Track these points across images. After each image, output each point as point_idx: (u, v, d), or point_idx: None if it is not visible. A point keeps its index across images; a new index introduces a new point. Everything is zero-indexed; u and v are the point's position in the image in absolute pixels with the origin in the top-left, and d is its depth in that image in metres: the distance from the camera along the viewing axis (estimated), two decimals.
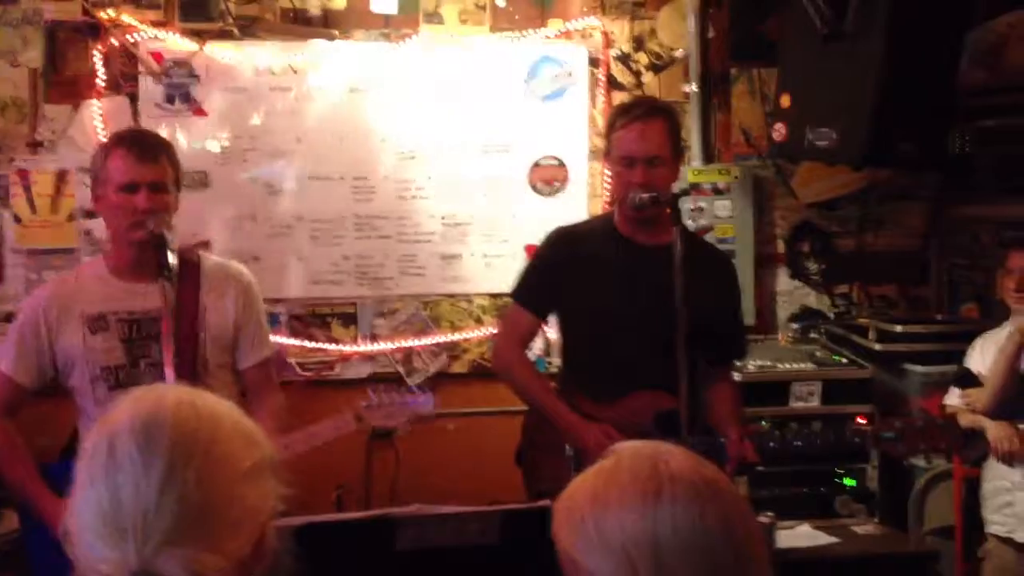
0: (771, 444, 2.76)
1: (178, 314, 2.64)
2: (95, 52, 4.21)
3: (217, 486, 1.13)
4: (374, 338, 4.45)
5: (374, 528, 1.84)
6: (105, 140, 2.89)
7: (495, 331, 4.48)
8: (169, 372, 2.52)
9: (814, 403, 3.86)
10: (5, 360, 2.74)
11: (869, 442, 2.72)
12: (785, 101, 3.71)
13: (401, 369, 4.47)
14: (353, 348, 4.43)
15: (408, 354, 4.48)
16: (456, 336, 4.50)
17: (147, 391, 1.20)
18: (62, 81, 4.26)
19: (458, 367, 4.53)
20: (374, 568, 1.84)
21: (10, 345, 2.77)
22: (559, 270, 3.05)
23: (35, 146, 4.27)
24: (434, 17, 4.45)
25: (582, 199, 4.55)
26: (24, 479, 2.69)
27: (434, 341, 4.49)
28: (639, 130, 2.89)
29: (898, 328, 4.11)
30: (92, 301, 2.71)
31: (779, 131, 3.72)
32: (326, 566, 1.30)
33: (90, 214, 4.27)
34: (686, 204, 4.35)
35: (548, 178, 4.54)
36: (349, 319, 4.45)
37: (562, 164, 4.54)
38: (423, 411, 2.71)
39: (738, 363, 3.51)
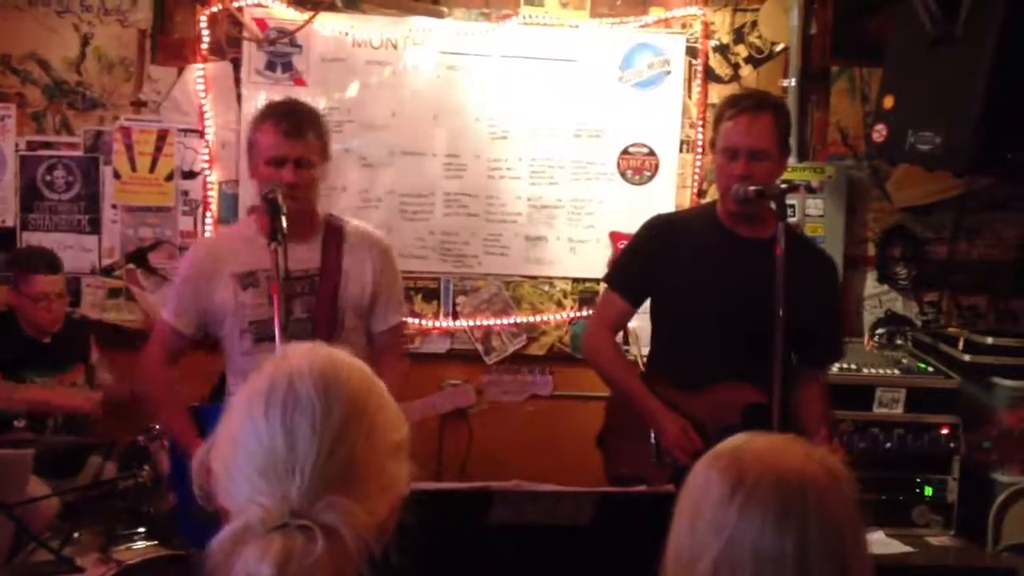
0: (861, 446, 2.71)
1: (321, 276, 2.84)
2: (201, 16, 4.30)
3: (377, 449, 1.16)
4: (455, 315, 4.50)
5: (472, 500, 1.87)
6: (259, 110, 2.96)
7: (575, 316, 4.51)
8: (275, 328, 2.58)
9: (897, 410, 3.80)
10: (168, 310, 2.96)
11: (962, 449, 2.65)
12: (888, 102, 3.63)
13: (479, 347, 4.50)
14: (434, 323, 4.47)
15: (487, 333, 4.51)
16: (536, 318, 4.51)
17: (317, 346, 1.22)
18: (168, 43, 4.36)
19: (535, 349, 4.54)
20: (465, 539, 1.86)
21: (172, 297, 3.00)
22: (656, 258, 3.03)
23: (139, 105, 4.37)
24: None
25: (670, 189, 4.53)
26: (177, 425, 2.89)
27: (514, 321, 4.51)
28: (746, 122, 2.88)
29: (989, 340, 4.02)
30: (242, 261, 2.85)
31: (880, 132, 3.65)
32: (417, 532, 1.32)
33: (188, 175, 4.38)
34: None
35: (637, 166, 4.52)
36: (431, 294, 4.49)
37: (652, 152, 4.52)
38: (541, 391, 2.76)
39: (832, 367, 3.42)
